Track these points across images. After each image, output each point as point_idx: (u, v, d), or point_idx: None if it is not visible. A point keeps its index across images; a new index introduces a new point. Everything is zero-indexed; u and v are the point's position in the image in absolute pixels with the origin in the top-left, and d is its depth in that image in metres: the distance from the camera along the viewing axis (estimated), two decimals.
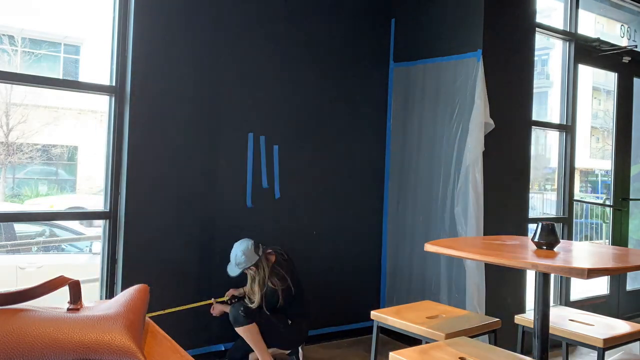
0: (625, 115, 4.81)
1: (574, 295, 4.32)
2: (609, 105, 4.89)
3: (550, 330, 2.32)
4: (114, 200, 3.03)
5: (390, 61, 4.07)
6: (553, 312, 2.56)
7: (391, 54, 4.07)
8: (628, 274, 4.80)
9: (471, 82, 3.44)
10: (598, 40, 4.43)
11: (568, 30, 4.29)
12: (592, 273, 1.68)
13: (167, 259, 3.12)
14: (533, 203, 4.98)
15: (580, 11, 4.36)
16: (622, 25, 4.96)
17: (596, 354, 2.25)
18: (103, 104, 3.11)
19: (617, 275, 4.66)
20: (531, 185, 3.80)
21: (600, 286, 4.67)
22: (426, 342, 2.20)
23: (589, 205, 6.14)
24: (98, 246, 4.09)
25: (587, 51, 4.40)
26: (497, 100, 3.50)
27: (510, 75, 3.61)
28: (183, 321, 3.18)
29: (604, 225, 5.50)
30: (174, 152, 3.16)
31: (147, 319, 0.93)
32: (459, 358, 1.87)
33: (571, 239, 4.30)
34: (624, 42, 4.82)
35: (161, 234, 3.10)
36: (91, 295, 3.15)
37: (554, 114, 4.45)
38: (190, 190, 3.20)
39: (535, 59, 3.82)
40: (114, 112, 3.03)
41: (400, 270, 3.92)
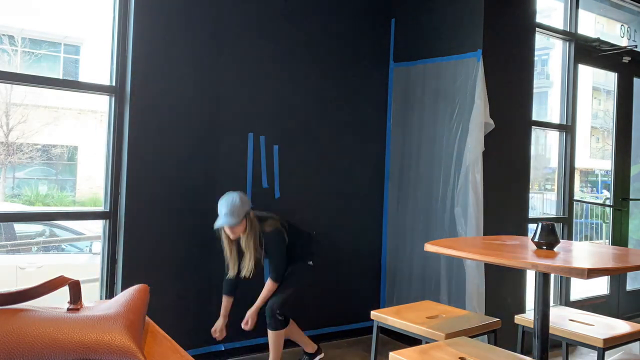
0: (625, 115, 4.81)
1: (574, 295, 4.32)
2: (609, 105, 4.89)
3: (550, 330, 2.32)
4: (114, 200, 3.03)
5: (390, 61, 4.07)
6: (553, 312, 2.56)
7: (391, 54, 4.07)
8: (628, 274, 4.80)
9: (471, 82, 3.44)
10: (598, 40, 4.43)
11: (568, 30, 4.29)
12: (592, 273, 1.68)
13: (167, 259, 3.12)
14: (533, 203, 4.98)
15: (580, 11, 4.36)
16: (622, 25, 4.96)
17: (596, 354, 2.25)
18: (103, 104, 3.11)
19: (617, 275, 4.66)
20: (531, 185, 3.80)
21: (600, 286, 4.67)
22: (426, 342, 2.20)
23: (589, 205, 6.14)
24: (98, 246, 4.09)
25: (587, 51, 4.40)
26: (497, 100, 3.50)
27: (510, 75, 3.61)
28: (183, 321, 3.18)
29: (604, 225, 5.50)
30: (174, 152, 3.16)
31: (147, 319, 0.93)
32: (459, 358, 1.87)
33: (571, 239, 4.30)
34: (624, 42, 4.82)
35: (161, 234, 3.11)
36: (91, 295, 3.15)
37: (554, 114, 4.45)
38: (190, 190, 3.20)
39: (535, 59, 3.82)
40: (114, 112, 3.03)
41: (400, 270, 3.92)
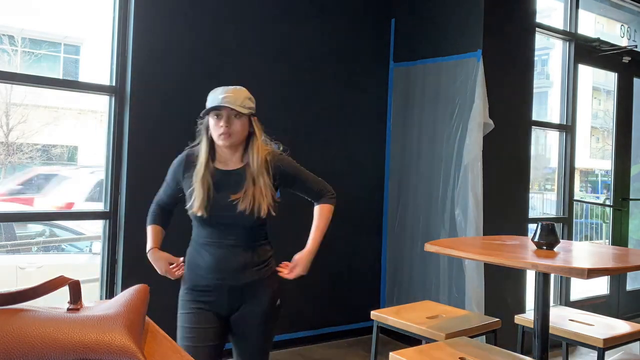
0: (625, 115, 4.81)
1: (574, 295, 4.32)
2: (609, 105, 4.89)
3: (550, 330, 2.32)
4: (114, 200, 3.03)
5: (390, 61, 4.07)
6: (553, 312, 2.55)
7: (391, 54, 4.07)
8: (628, 274, 4.80)
9: (471, 82, 3.44)
10: (598, 40, 4.43)
11: (568, 30, 4.29)
12: (592, 273, 1.68)
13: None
14: (533, 203, 4.98)
15: (580, 11, 4.36)
16: (622, 25, 4.96)
17: (596, 354, 2.25)
18: (103, 104, 3.11)
19: (617, 275, 4.66)
20: (531, 185, 3.80)
21: (600, 286, 4.67)
22: (426, 342, 2.20)
23: (589, 205, 6.14)
24: (98, 246, 4.09)
25: (587, 51, 4.40)
26: (497, 100, 3.49)
27: (510, 75, 3.61)
28: None
29: (604, 225, 5.50)
30: (174, 152, 3.15)
31: (147, 319, 0.93)
32: (459, 358, 1.87)
33: (571, 239, 4.29)
34: (624, 42, 4.82)
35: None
36: (91, 295, 3.14)
37: (554, 114, 4.45)
38: None
39: (535, 59, 3.82)
40: (114, 112, 3.03)
41: (400, 270, 3.91)
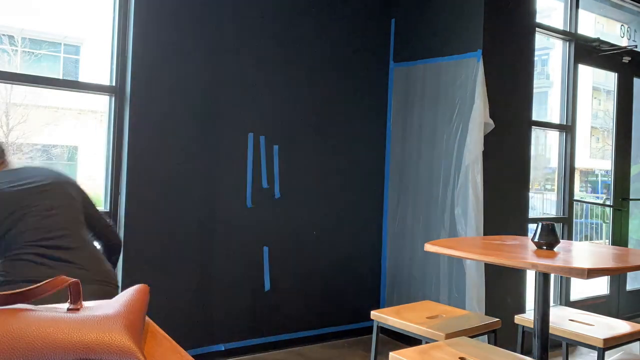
0: (625, 115, 4.81)
1: (574, 295, 4.32)
2: (609, 105, 4.89)
3: (550, 330, 2.32)
4: (114, 200, 3.03)
5: (390, 61, 4.07)
6: (553, 312, 2.56)
7: (391, 54, 4.07)
8: (628, 274, 4.80)
9: (471, 82, 3.44)
10: (598, 40, 4.43)
11: (568, 30, 4.29)
12: (592, 273, 1.68)
13: (167, 259, 3.12)
14: (533, 203, 4.98)
15: (580, 11, 4.36)
16: (622, 25, 4.96)
17: (596, 354, 2.25)
18: (103, 104, 3.11)
19: (617, 275, 4.66)
20: (531, 185, 3.80)
21: (600, 286, 4.66)
22: (426, 342, 2.20)
23: (589, 205, 6.13)
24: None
25: (587, 51, 4.40)
26: (497, 100, 3.49)
27: (510, 75, 3.61)
28: (183, 321, 3.18)
29: (604, 225, 5.50)
30: (174, 152, 3.16)
31: (147, 319, 0.93)
32: (459, 358, 1.87)
33: (571, 239, 4.30)
34: (624, 42, 4.82)
35: (161, 234, 3.10)
36: None
37: (554, 114, 4.45)
38: (190, 190, 3.20)
39: (535, 59, 3.82)
40: (114, 112, 3.03)
41: (400, 270, 3.91)
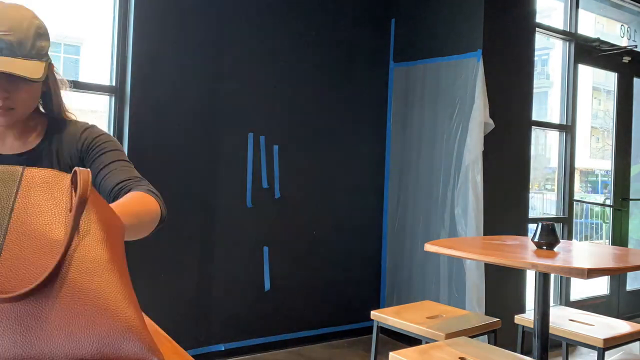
0: (625, 115, 4.81)
1: (574, 295, 4.32)
2: (609, 105, 4.89)
3: (550, 330, 2.32)
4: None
5: (390, 61, 4.07)
6: (553, 312, 2.56)
7: (391, 54, 4.07)
8: (628, 274, 4.80)
9: (471, 82, 3.44)
10: (598, 40, 4.43)
11: (568, 30, 4.29)
12: (592, 273, 1.68)
13: (167, 259, 3.12)
14: (533, 203, 4.98)
15: (580, 11, 4.36)
16: (622, 25, 4.96)
17: (596, 354, 2.25)
18: (103, 104, 3.11)
19: (617, 275, 4.66)
20: (531, 185, 3.80)
21: (600, 286, 4.67)
22: (426, 342, 2.20)
23: (589, 205, 6.14)
24: None
25: (587, 51, 4.40)
26: (497, 100, 3.50)
27: (510, 75, 3.61)
28: (183, 321, 3.18)
29: (604, 225, 5.50)
30: (174, 152, 3.16)
31: (148, 319, 0.93)
32: (459, 358, 1.87)
33: (571, 239, 4.30)
34: (624, 42, 4.82)
35: (161, 233, 3.10)
36: None
37: (554, 114, 4.45)
38: (190, 190, 3.20)
39: (535, 59, 3.82)
40: (114, 112, 3.03)
41: (400, 270, 3.92)
